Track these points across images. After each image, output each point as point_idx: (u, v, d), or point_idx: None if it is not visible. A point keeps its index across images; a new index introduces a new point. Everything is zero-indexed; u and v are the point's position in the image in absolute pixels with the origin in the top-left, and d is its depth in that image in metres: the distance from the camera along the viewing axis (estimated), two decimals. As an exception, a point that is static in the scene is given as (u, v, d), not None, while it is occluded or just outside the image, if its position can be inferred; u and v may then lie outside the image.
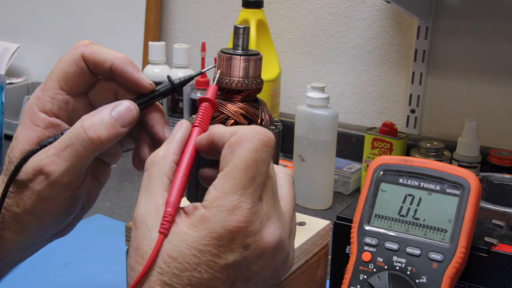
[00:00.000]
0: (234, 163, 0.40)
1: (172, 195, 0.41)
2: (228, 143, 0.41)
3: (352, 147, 1.21)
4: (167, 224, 0.40)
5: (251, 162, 0.40)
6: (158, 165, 0.43)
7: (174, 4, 1.48)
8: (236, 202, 0.39)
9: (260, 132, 0.41)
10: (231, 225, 0.39)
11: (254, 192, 0.40)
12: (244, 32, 0.51)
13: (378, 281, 0.49)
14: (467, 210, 0.49)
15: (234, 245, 0.39)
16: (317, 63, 1.31)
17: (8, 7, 1.71)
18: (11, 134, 1.32)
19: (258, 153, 0.40)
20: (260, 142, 0.41)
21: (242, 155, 0.40)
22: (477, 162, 1.02)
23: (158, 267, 0.39)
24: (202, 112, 0.46)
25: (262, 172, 0.41)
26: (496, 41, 1.11)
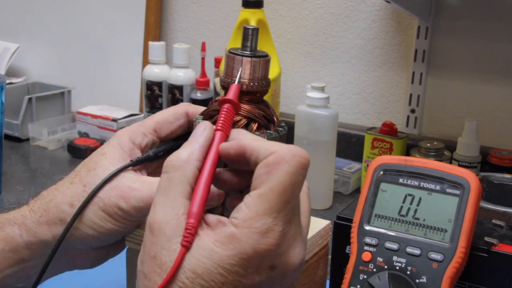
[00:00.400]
0: (271, 185, 0.39)
1: (194, 205, 0.40)
2: (265, 163, 0.40)
3: (352, 147, 1.21)
4: (190, 237, 0.39)
5: (288, 185, 0.39)
6: (180, 171, 0.41)
7: (174, 4, 1.48)
8: (269, 225, 0.39)
9: (298, 154, 0.40)
10: (262, 248, 0.39)
11: (286, 215, 0.40)
12: (253, 33, 0.51)
13: (378, 281, 0.49)
14: (467, 210, 0.49)
15: (262, 267, 0.39)
16: (317, 63, 1.31)
17: (8, 7, 1.71)
18: (11, 134, 1.33)
19: (296, 176, 0.40)
20: (299, 165, 0.40)
21: (280, 178, 0.39)
22: (477, 162, 1.02)
23: (180, 281, 0.38)
24: (224, 115, 0.45)
25: (296, 195, 0.40)
26: (496, 41, 1.11)
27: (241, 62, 0.50)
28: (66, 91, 1.43)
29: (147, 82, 1.32)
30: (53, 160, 1.26)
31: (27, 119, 1.35)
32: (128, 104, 1.45)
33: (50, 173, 1.18)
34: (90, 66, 1.55)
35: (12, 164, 1.22)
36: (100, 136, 1.32)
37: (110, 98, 1.48)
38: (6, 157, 1.22)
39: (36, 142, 1.33)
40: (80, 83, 1.51)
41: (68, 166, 1.23)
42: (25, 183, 1.12)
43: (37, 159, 1.27)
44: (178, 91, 1.29)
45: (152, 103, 1.33)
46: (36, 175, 1.18)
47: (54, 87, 1.46)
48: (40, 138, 1.32)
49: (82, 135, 1.35)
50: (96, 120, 1.33)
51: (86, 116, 1.34)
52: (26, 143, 1.34)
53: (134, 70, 1.46)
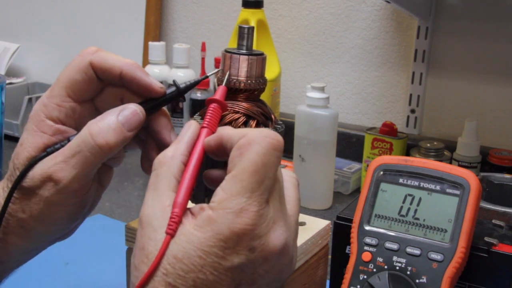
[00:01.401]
0: (242, 165, 0.40)
1: (180, 196, 0.41)
2: (237, 145, 0.41)
3: (352, 147, 1.21)
4: (174, 225, 0.40)
5: (259, 165, 0.40)
6: (166, 166, 0.42)
7: (174, 4, 1.48)
8: (243, 204, 0.39)
9: (269, 135, 0.41)
10: (237, 227, 0.39)
11: (261, 195, 0.40)
12: (249, 32, 0.52)
13: (378, 281, 0.49)
14: (467, 210, 0.49)
15: (240, 247, 0.39)
16: (317, 63, 1.31)
17: (8, 7, 1.71)
18: (11, 134, 1.33)
19: (267, 156, 0.40)
20: (270, 145, 0.41)
21: (250, 158, 0.40)
22: (477, 162, 1.02)
23: (163, 268, 0.39)
24: (210, 113, 0.46)
25: (270, 175, 0.40)
26: (496, 41, 1.11)
27: (238, 61, 0.51)
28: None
29: (147, 82, 1.32)
30: (53, 160, 1.26)
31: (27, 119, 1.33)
32: (128, 104, 1.45)
33: (50, 173, 1.18)
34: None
35: (12, 164, 1.21)
36: (100, 136, 1.32)
37: (110, 98, 1.48)
38: (6, 157, 1.22)
39: (36, 142, 1.33)
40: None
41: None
42: (25, 183, 1.12)
43: (37, 159, 1.27)
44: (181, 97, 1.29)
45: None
46: (36, 175, 1.18)
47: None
48: (40, 138, 1.32)
49: (82, 135, 1.35)
50: (96, 120, 1.33)
51: (86, 116, 1.34)
52: (26, 143, 1.34)
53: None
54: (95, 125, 0.46)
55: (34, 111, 0.49)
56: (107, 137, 0.45)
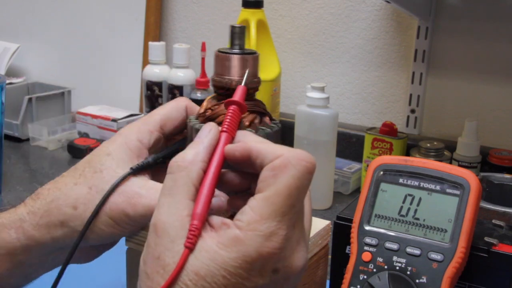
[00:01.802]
0: (276, 188, 0.39)
1: (199, 207, 0.40)
2: (271, 166, 0.40)
3: (352, 147, 1.21)
4: (193, 238, 0.39)
5: (294, 190, 0.39)
6: (185, 171, 0.41)
7: (174, 4, 1.48)
8: (273, 228, 0.39)
9: (305, 159, 0.40)
10: (266, 251, 0.39)
11: (291, 220, 0.40)
12: (241, 31, 0.52)
13: (378, 281, 0.49)
14: (467, 210, 0.49)
15: (265, 270, 0.39)
16: (317, 63, 1.31)
17: (8, 7, 1.71)
18: (11, 134, 1.33)
19: (301, 180, 0.40)
20: (305, 169, 0.40)
21: (286, 181, 0.39)
22: (477, 162, 1.02)
23: (183, 283, 0.38)
24: (230, 116, 0.45)
25: (301, 199, 0.40)
26: (496, 41, 1.11)
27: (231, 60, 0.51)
28: (66, 91, 1.43)
29: (147, 82, 1.32)
30: (53, 160, 1.26)
31: (27, 119, 1.35)
32: (128, 104, 1.46)
33: (50, 173, 1.18)
34: (90, 66, 1.55)
35: (12, 164, 1.22)
36: (100, 136, 1.32)
37: (110, 98, 1.48)
38: (6, 157, 1.22)
39: (36, 142, 1.33)
40: (80, 83, 1.51)
41: (68, 166, 1.22)
42: (25, 183, 1.12)
43: (37, 159, 1.27)
44: (178, 91, 1.29)
45: (152, 103, 1.33)
46: (36, 175, 1.18)
47: (54, 87, 1.46)
48: (40, 138, 1.32)
49: (82, 135, 1.35)
50: (96, 120, 1.33)
51: (86, 116, 1.34)
52: (26, 143, 1.34)
53: (134, 70, 1.46)
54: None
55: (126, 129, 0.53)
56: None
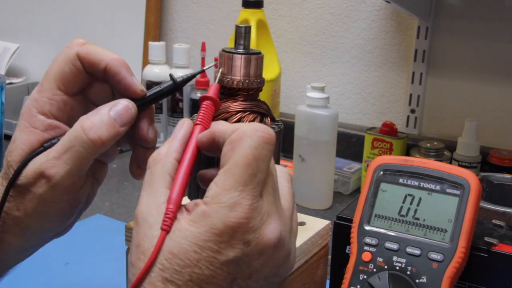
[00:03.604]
0: (234, 159, 0.40)
1: (174, 192, 0.41)
2: (229, 140, 0.41)
3: (352, 147, 1.21)
4: (168, 221, 0.40)
5: (251, 159, 0.40)
6: (160, 163, 0.43)
7: (174, 4, 1.48)
8: (236, 198, 0.39)
9: (260, 129, 0.41)
10: (231, 221, 0.39)
11: (254, 189, 0.40)
12: (246, 31, 0.52)
13: (378, 281, 0.49)
14: (467, 210, 0.49)
15: (235, 241, 0.39)
16: (317, 63, 1.31)
17: (8, 7, 1.71)
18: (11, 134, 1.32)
19: (259, 150, 0.41)
20: (261, 139, 0.41)
21: (242, 152, 0.40)
22: (477, 162, 1.02)
23: (160, 263, 0.39)
24: (203, 110, 0.46)
25: (262, 169, 0.41)
26: (496, 41, 1.11)
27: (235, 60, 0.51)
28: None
29: (147, 82, 1.32)
30: (53, 160, 1.26)
31: (27, 119, 1.34)
32: (128, 104, 1.45)
33: (50, 173, 1.18)
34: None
35: (12, 164, 1.21)
36: (100, 136, 1.32)
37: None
38: (6, 157, 1.22)
39: (36, 142, 1.33)
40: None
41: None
42: (25, 183, 1.12)
43: (37, 159, 1.27)
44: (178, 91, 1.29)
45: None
46: (36, 175, 1.18)
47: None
48: (40, 138, 1.32)
49: (82, 135, 1.35)
50: (96, 120, 1.33)
51: (86, 116, 1.34)
52: (26, 143, 1.34)
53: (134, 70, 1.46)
54: (88, 120, 0.46)
55: (25, 107, 0.49)
56: (99, 132, 0.46)
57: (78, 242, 0.83)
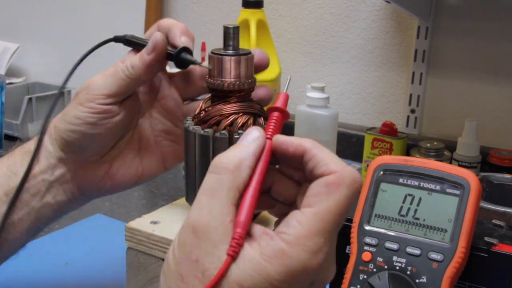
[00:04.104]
0: (329, 206, 0.39)
1: (242, 214, 0.39)
2: (325, 181, 0.40)
3: (352, 147, 1.21)
4: (237, 247, 0.38)
5: (344, 209, 0.40)
6: (232, 175, 0.40)
7: (174, 4, 1.48)
8: (321, 245, 0.39)
9: (358, 181, 0.41)
10: (311, 267, 0.39)
11: (335, 237, 0.40)
12: (234, 32, 0.51)
13: (378, 281, 0.49)
14: (467, 210, 0.49)
15: (304, 283, 0.39)
16: (317, 63, 1.31)
17: (8, 7, 1.71)
18: (11, 134, 1.33)
19: (351, 201, 0.40)
20: (356, 191, 0.40)
21: (338, 200, 0.40)
22: (477, 162, 1.02)
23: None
24: (274, 123, 0.44)
25: (345, 217, 0.41)
26: (496, 41, 1.11)
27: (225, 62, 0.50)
28: (66, 91, 1.43)
29: (147, 82, 1.32)
30: (53, 160, 1.26)
31: (27, 119, 1.35)
32: (128, 104, 1.45)
33: (50, 173, 1.18)
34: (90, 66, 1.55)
35: (12, 164, 1.21)
36: (100, 136, 1.32)
37: (110, 98, 1.48)
38: (6, 157, 1.22)
39: (36, 142, 1.33)
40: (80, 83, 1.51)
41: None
42: (25, 183, 1.12)
43: (37, 159, 1.27)
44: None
45: (152, 103, 1.33)
46: (36, 175, 1.18)
47: (54, 87, 1.46)
48: (40, 138, 1.32)
49: (82, 135, 1.35)
50: (96, 120, 1.33)
51: (86, 116, 1.34)
52: (26, 143, 1.34)
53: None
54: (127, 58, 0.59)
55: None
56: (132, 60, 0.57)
57: (78, 242, 0.83)
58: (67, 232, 0.88)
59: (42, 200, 0.58)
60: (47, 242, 0.82)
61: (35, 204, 0.57)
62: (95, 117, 0.55)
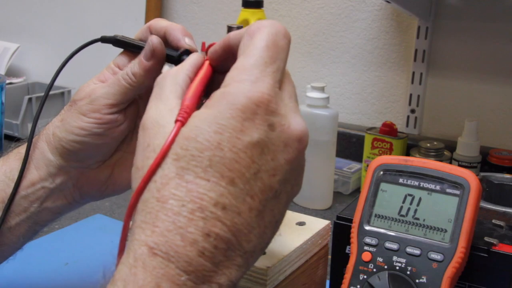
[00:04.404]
0: (254, 44, 0.39)
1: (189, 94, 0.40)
2: (247, 32, 0.40)
3: (352, 147, 1.21)
4: (185, 114, 0.37)
5: (270, 42, 0.39)
6: (170, 77, 0.41)
7: (174, 4, 1.48)
8: (258, 75, 0.38)
9: (277, 23, 0.40)
10: (255, 95, 0.37)
11: (274, 73, 0.39)
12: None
13: (378, 281, 0.49)
14: (467, 210, 0.49)
15: (259, 120, 0.37)
16: (317, 63, 1.31)
17: (8, 7, 1.71)
18: (11, 134, 1.33)
19: (278, 37, 0.40)
20: (279, 29, 0.40)
21: (261, 36, 0.39)
22: (477, 162, 1.02)
23: (173, 153, 0.36)
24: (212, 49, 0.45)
25: (281, 57, 0.40)
26: (496, 41, 1.11)
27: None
28: (66, 91, 1.43)
29: (147, 82, 1.32)
30: (53, 160, 1.26)
31: (27, 119, 1.35)
32: (128, 104, 1.45)
33: (50, 173, 1.18)
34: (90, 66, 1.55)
35: (12, 164, 1.21)
36: (100, 136, 1.32)
37: (110, 98, 1.48)
38: (6, 157, 1.22)
39: (36, 142, 1.33)
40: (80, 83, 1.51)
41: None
42: (25, 183, 1.12)
43: (37, 159, 1.27)
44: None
45: (152, 103, 1.33)
46: (36, 175, 1.18)
47: (54, 87, 1.45)
48: (40, 138, 1.32)
49: (82, 135, 1.35)
50: (96, 120, 1.33)
51: (86, 116, 1.34)
52: (26, 143, 1.34)
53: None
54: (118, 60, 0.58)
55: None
56: (132, 66, 0.54)
57: (78, 242, 0.83)
58: (67, 232, 0.88)
59: (42, 206, 0.57)
60: (47, 242, 0.82)
61: (34, 209, 0.56)
62: (101, 127, 0.54)
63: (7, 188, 0.55)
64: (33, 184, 0.56)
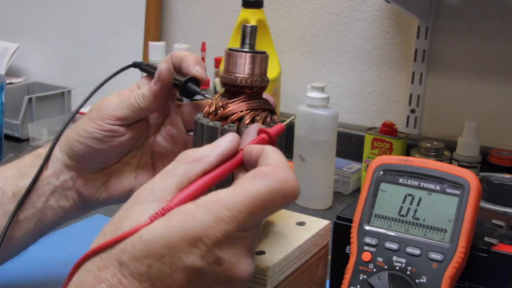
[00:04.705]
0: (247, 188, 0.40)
1: (181, 195, 0.41)
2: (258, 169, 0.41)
3: (352, 147, 1.21)
4: (158, 215, 0.39)
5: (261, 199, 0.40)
6: (188, 165, 0.42)
7: (174, 4, 1.48)
8: (225, 216, 0.39)
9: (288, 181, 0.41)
10: (211, 232, 0.38)
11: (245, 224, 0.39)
12: (252, 31, 0.53)
13: (378, 281, 0.49)
14: (467, 210, 0.49)
15: (209, 254, 0.38)
16: (317, 63, 1.31)
17: (8, 7, 1.71)
18: (11, 134, 1.33)
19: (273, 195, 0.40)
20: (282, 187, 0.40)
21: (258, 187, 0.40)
22: (477, 162, 1.02)
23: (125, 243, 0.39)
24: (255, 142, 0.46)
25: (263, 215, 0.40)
26: (496, 41, 1.11)
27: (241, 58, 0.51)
28: (66, 91, 1.43)
29: (147, 82, 1.32)
30: (53, 160, 1.26)
31: (27, 119, 1.35)
32: (128, 104, 1.45)
33: (50, 173, 1.18)
34: (90, 66, 1.55)
35: (12, 164, 1.21)
36: (100, 136, 1.32)
37: (110, 98, 1.48)
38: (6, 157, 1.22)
39: (36, 142, 1.33)
40: (80, 83, 1.51)
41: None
42: (25, 183, 1.12)
43: (37, 159, 1.27)
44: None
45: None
46: (36, 175, 1.18)
47: (54, 87, 1.46)
48: (40, 138, 1.32)
49: (82, 135, 1.34)
50: (96, 120, 1.33)
51: (86, 116, 1.34)
52: (26, 143, 1.34)
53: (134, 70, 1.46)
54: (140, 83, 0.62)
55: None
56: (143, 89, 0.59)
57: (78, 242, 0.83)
58: (67, 232, 0.88)
59: (47, 203, 0.60)
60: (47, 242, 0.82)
61: (40, 205, 0.60)
62: (101, 133, 0.59)
63: (19, 181, 0.60)
64: (41, 179, 0.60)
